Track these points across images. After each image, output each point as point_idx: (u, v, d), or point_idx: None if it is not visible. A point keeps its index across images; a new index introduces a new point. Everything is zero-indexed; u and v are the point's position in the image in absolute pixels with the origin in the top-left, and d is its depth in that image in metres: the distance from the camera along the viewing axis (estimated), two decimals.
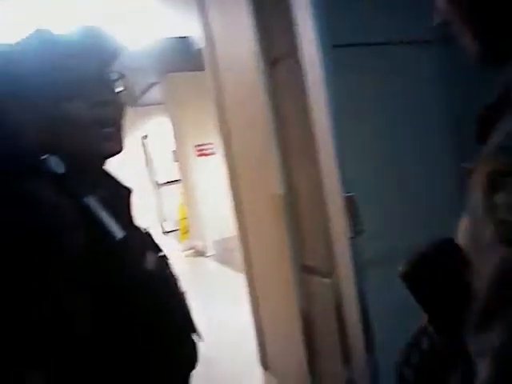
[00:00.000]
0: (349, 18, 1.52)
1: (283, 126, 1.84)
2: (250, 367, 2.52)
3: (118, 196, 0.75)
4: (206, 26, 2.23)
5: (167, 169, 7.58)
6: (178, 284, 0.80)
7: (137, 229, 0.78)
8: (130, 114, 5.24)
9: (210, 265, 5.54)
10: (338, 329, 1.67)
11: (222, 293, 4.30)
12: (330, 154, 1.57)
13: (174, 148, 6.44)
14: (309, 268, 1.87)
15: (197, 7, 2.28)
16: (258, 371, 2.46)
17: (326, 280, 1.73)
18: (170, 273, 0.78)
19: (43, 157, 0.62)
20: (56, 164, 0.63)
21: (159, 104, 6.80)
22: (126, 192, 0.77)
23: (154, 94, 6.81)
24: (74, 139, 0.66)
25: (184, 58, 4.94)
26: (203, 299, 4.71)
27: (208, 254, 5.75)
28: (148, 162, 7.91)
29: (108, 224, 0.63)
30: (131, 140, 8.06)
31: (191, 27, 2.54)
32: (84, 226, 0.61)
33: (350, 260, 1.55)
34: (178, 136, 5.91)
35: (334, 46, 1.51)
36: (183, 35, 3.84)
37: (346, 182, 1.53)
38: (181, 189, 6.17)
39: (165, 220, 7.87)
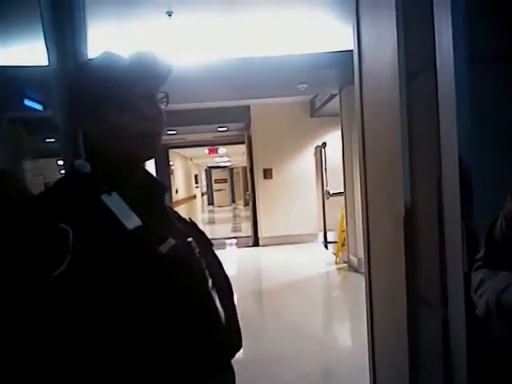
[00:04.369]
0: (488, 29, 1.35)
1: (413, 143, 1.72)
2: None
3: (152, 192, 0.90)
4: (358, 39, 2.22)
5: (338, 179, 7.63)
6: (209, 268, 0.88)
7: (168, 219, 0.91)
8: (310, 124, 5.52)
9: (361, 281, 5.38)
10: (444, 363, 1.51)
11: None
12: (454, 182, 1.42)
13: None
14: (422, 298, 1.70)
15: (353, 21, 2.28)
16: None
17: (437, 313, 1.56)
18: (198, 257, 0.87)
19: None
20: (81, 165, 0.82)
21: (337, 116, 6.90)
22: (161, 188, 0.92)
23: (334, 105, 6.94)
24: (119, 145, 0.83)
25: None
26: (343, 314, 4.64)
27: (362, 271, 5.60)
28: (320, 171, 8.08)
29: (121, 216, 0.78)
30: (308, 149, 8.38)
31: None
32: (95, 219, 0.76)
33: (463, 295, 1.37)
34: (346, 148, 5.91)
35: (470, 59, 1.37)
36: None
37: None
38: (343, 201, 6.15)
39: (329, 231, 7.93)
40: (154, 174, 0.95)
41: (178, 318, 0.78)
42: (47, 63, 1.10)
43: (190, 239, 0.88)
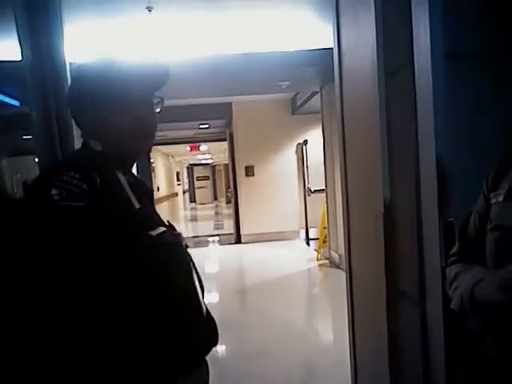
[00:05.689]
0: (465, 27, 1.37)
1: (392, 140, 1.74)
2: None
3: (141, 190, 0.94)
4: (338, 37, 2.23)
5: (320, 176, 7.66)
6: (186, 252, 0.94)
7: (155, 211, 0.95)
8: (291, 121, 5.58)
9: (342, 277, 5.43)
10: (422, 355, 1.54)
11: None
12: (431, 177, 1.44)
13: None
14: (401, 292, 1.73)
15: (333, 19, 2.29)
16: None
17: (416, 308, 1.59)
18: (185, 249, 0.94)
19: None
20: (95, 144, 0.87)
21: (318, 113, 6.93)
22: (148, 189, 0.99)
23: (315, 102, 6.97)
24: (113, 144, 0.87)
25: None
26: (325, 310, 4.68)
27: (343, 267, 5.65)
28: (302, 168, 8.11)
29: (130, 195, 0.84)
30: (290, 146, 8.41)
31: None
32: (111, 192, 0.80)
33: (440, 290, 1.40)
34: (327, 145, 5.95)
35: (446, 55, 1.39)
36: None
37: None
38: (325, 198, 6.19)
39: (311, 227, 7.97)
40: (135, 171, 0.98)
41: (165, 303, 0.83)
42: (20, 58, 1.08)
43: (177, 232, 0.93)
